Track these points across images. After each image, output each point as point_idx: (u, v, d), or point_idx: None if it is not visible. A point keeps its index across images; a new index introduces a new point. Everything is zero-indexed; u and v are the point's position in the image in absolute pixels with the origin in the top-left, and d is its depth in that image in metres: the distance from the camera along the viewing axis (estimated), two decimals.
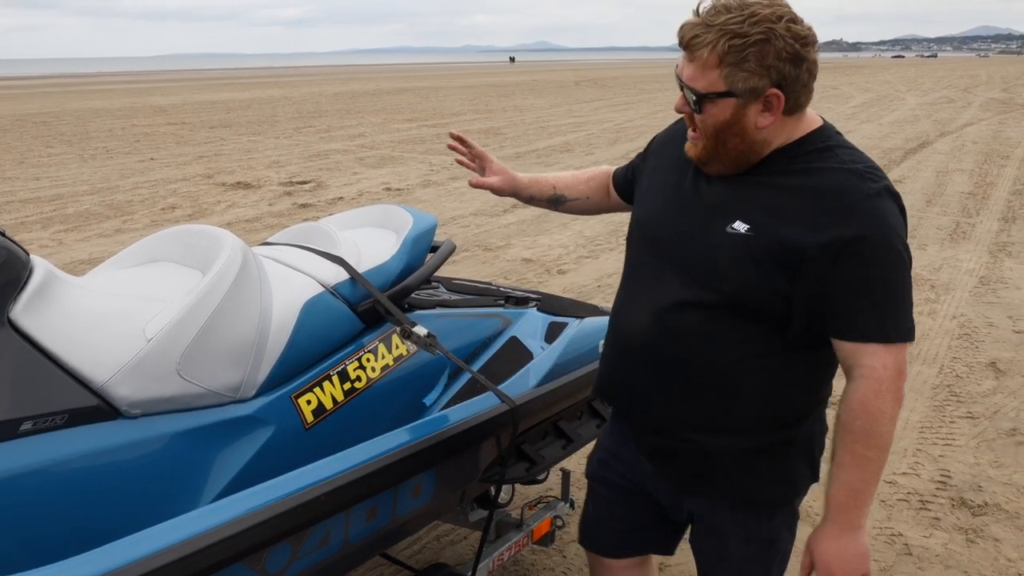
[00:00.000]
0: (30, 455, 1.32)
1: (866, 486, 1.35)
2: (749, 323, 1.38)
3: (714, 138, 1.35)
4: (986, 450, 3.40)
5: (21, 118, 19.58)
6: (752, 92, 1.29)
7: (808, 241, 1.29)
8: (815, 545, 1.41)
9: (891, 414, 1.32)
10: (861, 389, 1.32)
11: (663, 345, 1.44)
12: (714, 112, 1.32)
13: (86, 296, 1.56)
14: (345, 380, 1.81)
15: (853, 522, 1.37)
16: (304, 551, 1.46)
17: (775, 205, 1.34)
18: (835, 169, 1.33)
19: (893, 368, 1.30)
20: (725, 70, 1.28)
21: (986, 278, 5.93)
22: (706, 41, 1.28)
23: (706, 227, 1.39)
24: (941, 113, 19.50)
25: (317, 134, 15.67)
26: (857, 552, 1.38)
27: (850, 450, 1.34)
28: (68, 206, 8.69)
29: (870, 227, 1.28)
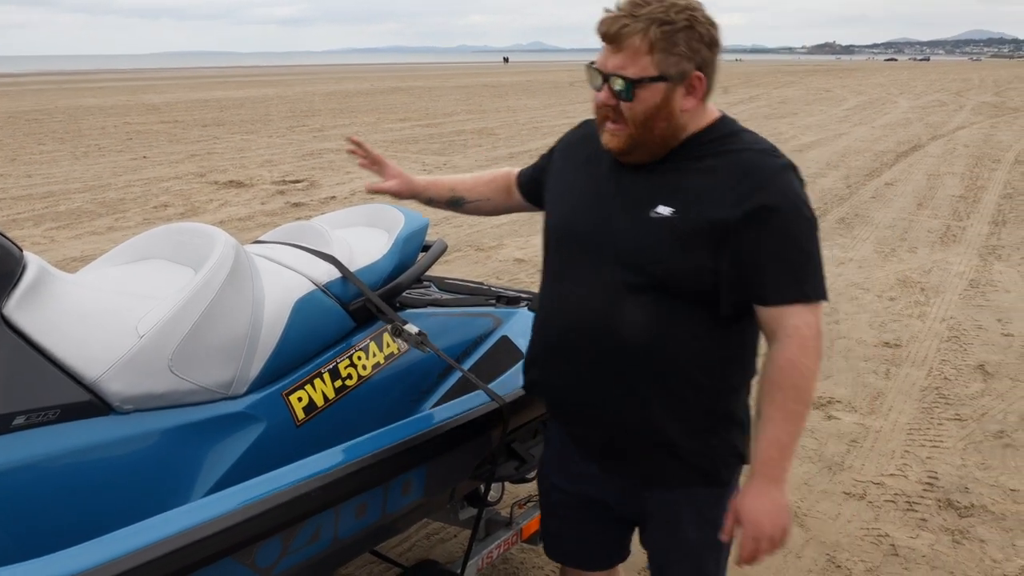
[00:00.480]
0: (23, 449, 1.33)
1: (791, 440, 1.41)
2: (683, 304, 1.43)
3: (643, 124, 1.41)
4: (973, 452, 3.43)
5: (13, 115, 19.49)
6: (681, 76, 1.38)
7: (728, 215, 1.38)
8: (743, 504, 1.44)
9: (815, 370, 1.40)
10: (789, 348, 1.39)
11: (604, 338, 1.48)
12: (645, 97, 1.38)
13: (79, 292, 1.56)
14: (336, 378, 1.82)
15: (779, 476, 1.42)
16: (294, 546, 1.47)
17: (694, 187, 1.42)
18: (744, 150, 1.43)
19: (815, 327, 1.40)
20: (657, 56, 1.36)
21: (976, 281, 5.97)
22: (636, 30, 1.35)
23: (630, 216, 1.45)
24: (933, 116, 19.61)
25: (310, 133, 15.65)
26: (783, 504, 1.43)
27: (779, 406, 1.40)
28: (60, 203, 8.66)
29: (782, 198, 1.38)
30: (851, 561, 2.69)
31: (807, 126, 17.29)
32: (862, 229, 7.63)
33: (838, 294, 5.62)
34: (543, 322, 1.60)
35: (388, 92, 29.45)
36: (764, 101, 25.08)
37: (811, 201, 1.45)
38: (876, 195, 9.33)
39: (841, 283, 5.90)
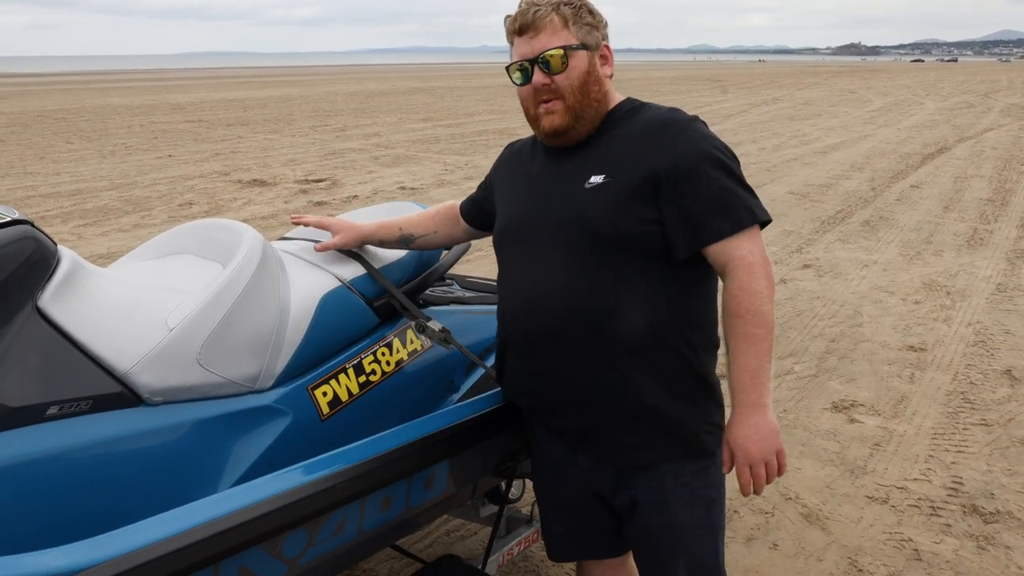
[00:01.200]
0: (56, 439, 1.36)
1: (760, 363, 1.46)
2: (637, 266, 1.50)
3: (580, 90, 1.54)
4: (999, 458, 3.39)
5: (42, 114, 19.81)
6: (595, 44, 1.57)
7: (655, 166, 1.48)
8: (731, 435, 1.50)
9: (767, 294, 1.47)
10: (737, 277, 1.47)
11: (570, 316, 1.53)
12: (576, 64, 1.53)
13: (111, 286, 1.59)
14: (360, 373, 1.83)
15: (759, 400, 1.47)
16: (320, 537, 1.49)
17: (619, 151, 1.54)
18: (655, 113, 1.58)
19: (759, 252, 1.48)
20: (572, 28, 1.53)
21: (1003, 285, 5.89)
22: (547, 12, 1.52)
23: (568, 195, 1.55)
24: (960, 118, 19.36)
25: (332, 133, 15.76)
26: (769, 428, 1.47)
27: (741, 333, 1.47)
28: (88, 201, 8.80)
29: (698, 144, 1.50)
30: (873, 565, 2.67)
31: (831, 128, 17.14)
32: (887, 232, 7.56)
33: (861, 297, 5.58)
34: (501, 325, 1.68)
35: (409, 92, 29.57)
36: (788, 103, 24.88)
37: (728, 146, 1.55)
38: (901, 197, 9.23)
39: (865, 286, 5.84)
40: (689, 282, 1.54)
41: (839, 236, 7.37)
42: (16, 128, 16.35)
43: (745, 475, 1.48)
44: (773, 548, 2.76)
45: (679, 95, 27.31)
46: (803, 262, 6.47)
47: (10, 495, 1.30)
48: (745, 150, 13.06)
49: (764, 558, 2.71)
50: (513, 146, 1.82)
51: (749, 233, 1.48)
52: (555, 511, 1.79)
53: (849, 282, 5.94)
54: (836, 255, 6.70)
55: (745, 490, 1.50)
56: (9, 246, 1.41)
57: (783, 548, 2.76)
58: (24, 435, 1.34)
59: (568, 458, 1.69)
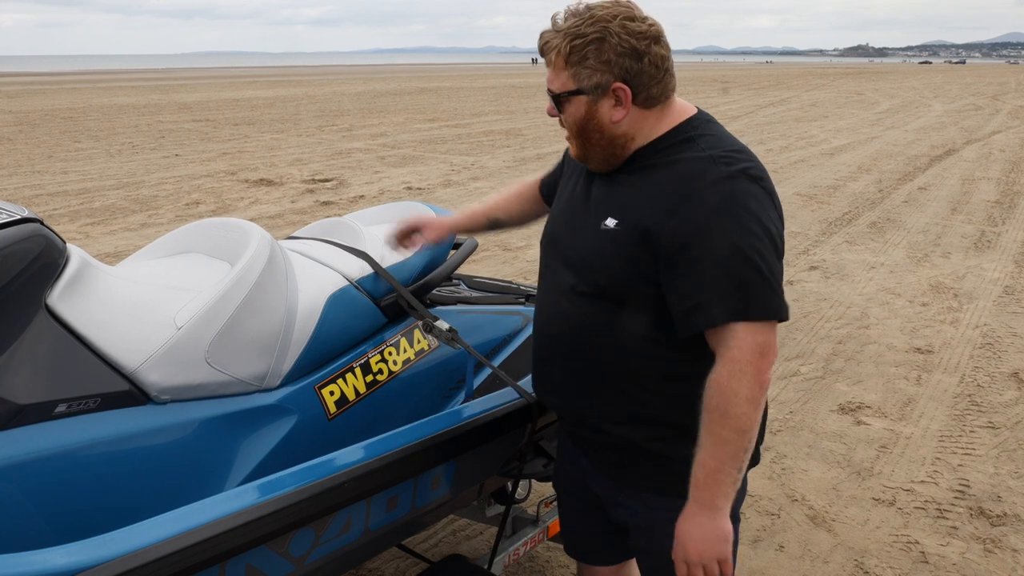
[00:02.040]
0: (64, 436, 1.36)
1: (722, 466, 1.34)
2: (635, 314, 1.42)
3: (580, 135, 1.44)
4: (1007, 460, 3.37)
5: (49, 113, 19.89)
6: (598, 88, 1.38)
7: (659, 229, 1.34)
8: (676, 528, 1.41)
9: (746, 395, 1.31)
10: (718, 369, 1.32)
11: (566, 339, 1.52)
12: (571, 111, 1.42)
13: (119, 285, 1.60)
14: (368, 372, 1.84)
15: (711, 502, 1.36)
16: (326, 537, 1.50)
17: (635, 198, 1.40)
18: (690, 158, 1.37)
19: (750, 350, 1.30)
20: (571, 70, 1.38)
21: (1011, 288, 5.87)
22: (553, 46, 1.39)
23: (587, 226, 1.47)
24: (968, 120, 19.28)
25: (339, 133, 15.78)
26: (714, 533, 1.37)
27: (707, 428, 1.34)
28: (95, 200, 8.82)
29: (714, 212, 1.30)
30: (880, 567, 2.66)
31: (838, 129, 17.09)
32: (894, 234, 7.53)
33: (868, 299, 5.56)
34: (533, 324, 1.67)
35: (416, 92, 29.59)
36: (795, 104, 24.82)
37: (775, 212, 1.36)
38: (909, 199, 9.20)
39: (872, 288, 5.83)
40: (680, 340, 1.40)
41: (846, 238, 7.35)
42: (24, 127, 16.41)
43: (681, 570, 1.41)
44: (779, 550, 2.75)
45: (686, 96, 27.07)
46: (810, 264, 6.45)
47: (18, 492, 1.31)
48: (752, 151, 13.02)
49: (770, 559, 2.70)
50: None
51: (750, 326, 1.30)
52: (566, 504, 1.81)
53: (856, 284, 5.92)
54: (843, 257, 6.68)
55: None
56: (19, 244, 1.42)
57: (789, 550, 2.75)
58: (32, 433, 1.34)
59: (576, 458, 1.70)
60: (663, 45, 1.39)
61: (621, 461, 1.56)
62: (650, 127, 1.42)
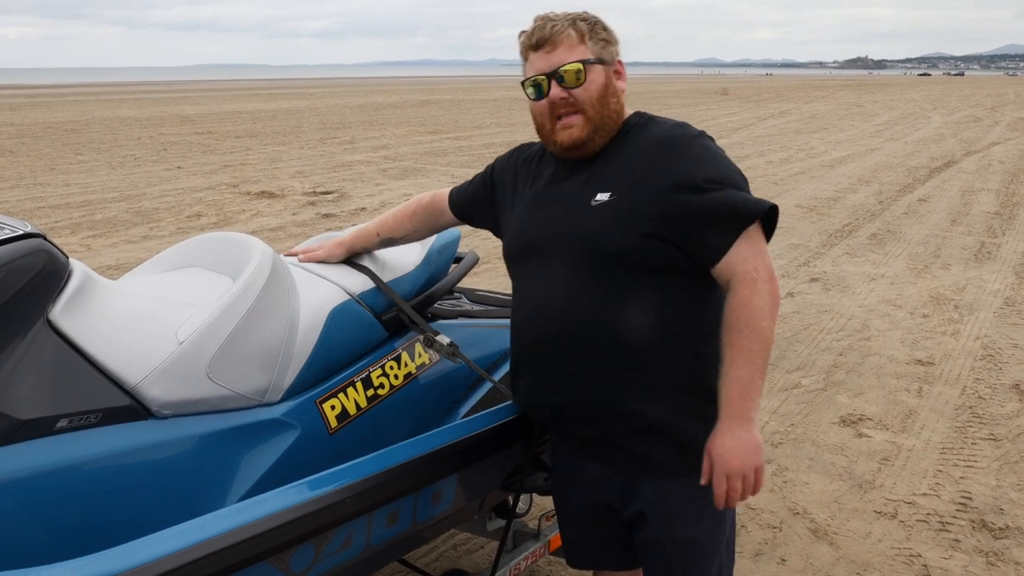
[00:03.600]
0: (65, 451, 1.36)
1: (752, 378, 1.46)
2: (644, 279, 1.51)
3: (600, 103, 1.56)
4: (1008, 473, 3.37)
5: (52, 125, 19.97)
6: (611, 59, 1.59)
7: (660, 183, 1.50)
8: (712, 444, 1.49)
9: (768, 310, 1.46)
10: (739, 291, 1.47)
11: (571, 330, 1.55)
12: (594, 78, 1.56)
13: (121, 299, 1.60)
14: (369, 387, 1.84)
15: (745, 414, 1.46)
16: (327, 552, 1.49)
17: (625, 169, 1.55)
18: (659, 130, 1.58)
19: (763, 268, 1.48)
20: (589, 43, 1.56)
21: (1011, 299, 5.87)
22: (565, 27, 1.55)
23: (574, 212, 1.56)
24: (967, 132, 19.33)
25: (341, 145, 15.83)
26: (751, 443, 1.46)
27: (737, 346, 1.46)
28: (97, 212, 8.85)
29: (701, 160, 1.51)
30: None
31: (838, 141, 17.13)
32: (894, 245, 7.54)
33: (869, 310, 5.56)
34: (514, 335, 1.70)
35: (418, 105, 29.71)
36: (795, 116, 24.90)
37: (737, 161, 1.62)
38: (909, 211, 9.22)
39: (873, 299, 5.83)
40: (697, 296, 1.54)
41: (847, 249, 7.36)
42: (26, 139, 16.48)
43: (721, 487, 1.48)
44: (781, 563, 2.75)
45: (687, 108, 27.35)
46: (811, 275, 6.45)
47: (19, 507, 1.31)
48: (752, 163, 13.06)
49: (772, 573, 2.69)
50: (523, 150, 1.81)
51: (752, 241, 1.48)
52: (568, 518, 1.81)
53: (857, 295, 5.92)
54: (844, 268, 6.68)
55: (719, 501, 1.49)
56: (21, 259, 1.42)
57: (791, 563, 2.74)
58: (34, 448, 1.34)
59: (579, 466, 1.70)
60: None
61: (638, 448, 1.57)
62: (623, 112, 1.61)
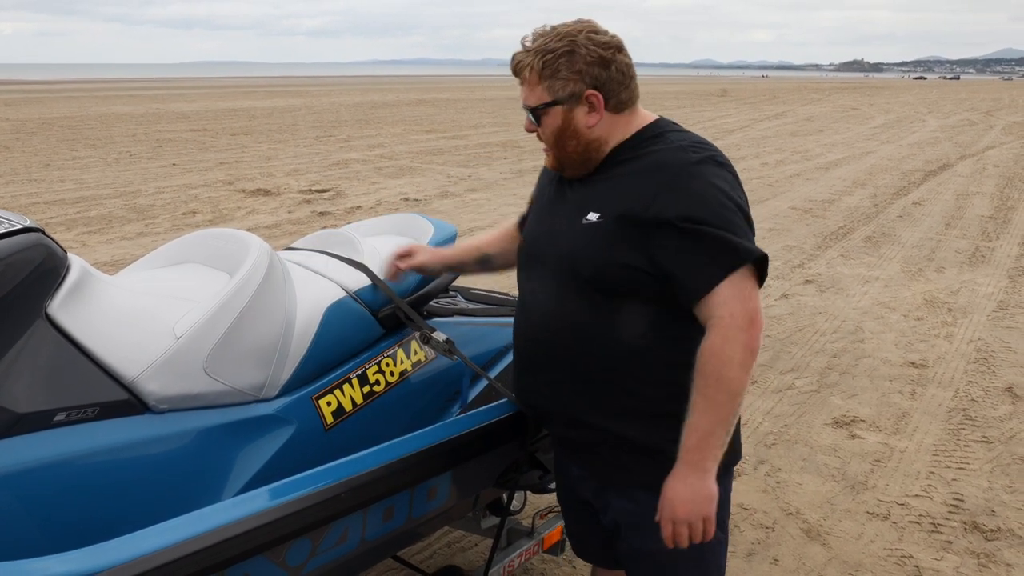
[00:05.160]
0: (62, 445, 1.37)
1: (714, 428, 1.42)
2: (621, 303, 1.49)
3: (557, 145, 1.53)
4: (1000, 475, 3.38)
5: (47, 121, 19.90)
6: (572, 97, 1.49)
7: (642, 214, 1.44)
8: (665, 486, 1.47)
9: (739, 359, 1.40)
10: (711, 337, 1.41)
11: (556, 340, 1.56)
12: (548, 122, 1.52)
13: (119, 294, 1.61)
14: (365, 383, 1.85)
15: (700, 464, 1.43)
16: (323, 547, 1.50)
17: (615, 191, 1.50)
18: (663, 150, 1.50)
19: (741, 314, 1.40)
20: (545, 83, 1.49)
21: (1004, 303, 5.90)
22: (526, 64, 1.50)
23: (569, 227, 1.54)
24: (962, 136, 19.40)
25: (336, 143, 15.82)
26: (702, 493, 1.44)
27: (701, 393, 1.41)
28: (92, 208, 8.83)
29: (690, 192, 1.42)
30: None
31: (833, 144, 17.18)
32: (889, 248, 7.57)
33: (863, 313, 5.58)
34: (513, 335, 1.71)
35: (414, 104, 29.69)
36: (790, 118, 24.96)
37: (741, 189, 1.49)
38: (903, 214, 9.25)
39: (867, 302, 5.85)
40: (676, 325, 1.49)
41: (841, 252, 7.38)
42: (21, 135, 16.42)
43: (667, 530, 1.47)
44: (774, 563, 2.76)
45: (682, 110, 27.39)
46: (805, 277, 6.48)
47: (16, 501, 1.31)
48: (748, 165, 13.10)
49: (764, 573, 2.70)
50: None
51: (735, 285, 1.40)
52: (565, 508, 1.85)
53: (851, 298, 5.95)
54: (838, 271, 6.71)
55: (667, 543, 1.49)
56: (20, 254, 1.43)
57: (783, 563, 2.76)
58: (31, 441, 1.35)
59: (565, 464, 1.74)
60: (626, 54, 1.52)
61: (613, 460, 1.58)
62: (621, 130, 1.53)
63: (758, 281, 1.44)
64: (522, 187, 10.50)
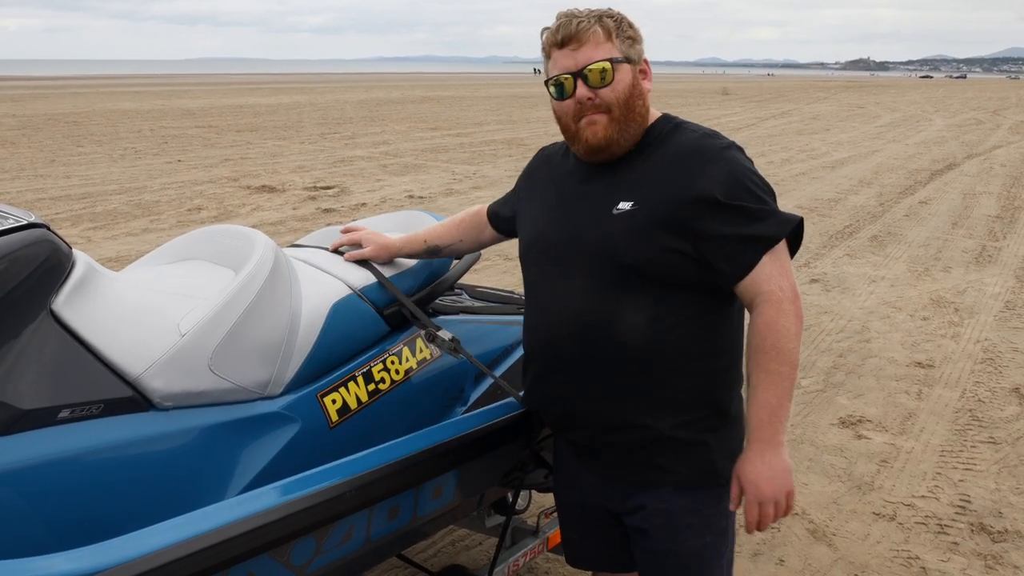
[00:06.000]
0: (67, 442, 1.36)
1: (780, 401, 1.43)
2: (660, 292, 1.48)
3: (626, 104, 1.51)
4: (1008, 476, 3.37)
5: (53, 118, 19.94)
6: (638, 58, 1.54)
7: (686, 197, 1.45)
8: (742, 470, 1.47)
9: (794, 331, 1.44)
10: (765, 312, 1.44)
11: (590, 340, 1.52)
12: (621, 78, 1.50)
13: (124, 291, 1.60)
14: (370, 381, 1.84)
15: (774, 438, 1.44)
16: (328, 546, 1.49)
17: (648, 178, 1.50)
18: (686, 139, 1.53)
19: (788, 287, 1.45)
20: (615, 41, 1.50)
21: (1012, 303, 5.87)
22: (591, 24, 1.49)
23: (596, 219, 1.52)
24: (969, 135, 19.33)
25: (341, 140, 15.82)
26: (782, 468, 1.45)
27: (764, 369, 1.43)
28: (97, 204, 8.84)
29: (727, 173, 1.46)
30: None
31: (840, 142, 17.13)
32: (895, 247, 7.54)
33: (869, 312, 5.56)
34: (527, 338, 1.68)
35: (418, 101, 29.68)
36: (796, 116, 24.89)
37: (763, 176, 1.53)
38: (910, 213, 9.22)
39: (873, 301, 5.83)
40: (714, 311, 1.51)
41: (847, 251, 7.36)
42: (27, 131, 16.46)
43: (753, 512, 1.46)
44: (779, 564, 2.75)
45: (687, 107, 27.32)
46: (811, 276, 6.46)
47: (20, 498, 1.31)
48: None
49: (770, 573, 2.69)
50: (544, 151, 1.77)
51: (777, 259, 1.44)
52: (568, 517, 1.80)
53: (857, 297, 5.92)
54: (844, 270, 6.68)
55: (751, 527, 1.48)
56: (25, 249, 1.42)
57: (789, 564, 2.74)
58: (35, 438, 1.34)
59: (581, 469, 1.70)
60: None
61: (646, 460, 1.56)
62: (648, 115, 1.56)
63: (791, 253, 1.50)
64: None
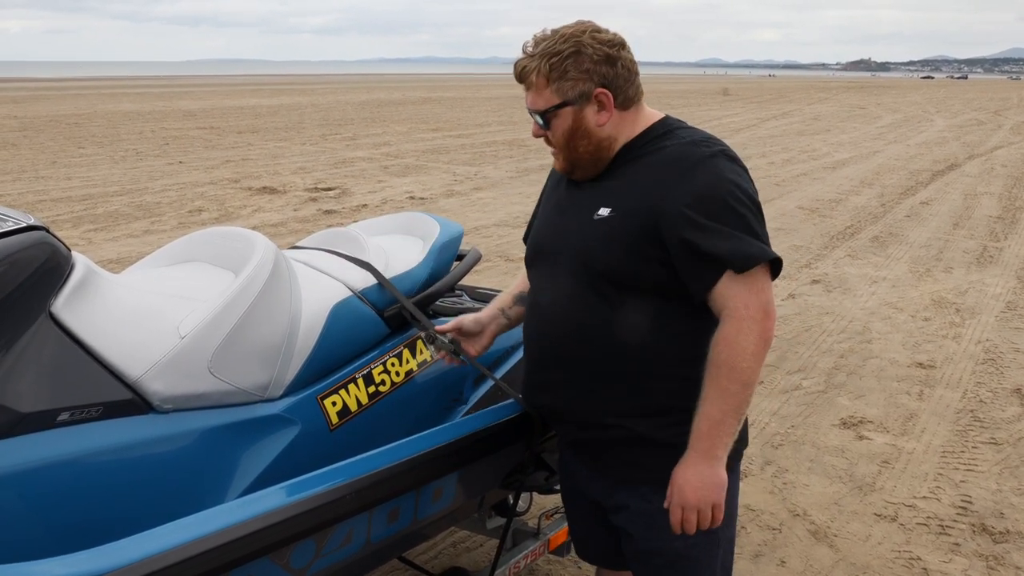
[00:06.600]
0: (66, 445, 1.36)
1: (724, 417, 1.44)
2: (636, 298, 1.50)
3: (567, 147, 1.54)
4: (1009, 477, 3.36)
5: (54, 119, 19.95)
6: (582, 96, 1.50)
7: (659, 207, 1.45)
8: (674, 473, 1.50)
9: (752, 350, 1.42)
10: (725, 327, 1.43)
11: (570, 339, 1.56)
12: (558, 124, 1.52)
13: (123, 293, 1.60)
14: (370, 383, 1.83)
15: (710, 451, 1.46)
16: (328, 549, 1.49)
17: (628, 186, 1.51)
18: (675, 145, 1.51)
19: (756, 306, 1.42)
20: (554, 85, 1.49)
21: (1013, 303, 5.86)
22: (532, 68, 1.50)
23: (579, 224, 1.55)
24: (970, 135, 19.31)
25: (343, 141, 15.82)
26: (713, 481, 1.47)
27: (714, 382, 1.43)
28: (98, 206, 8.84)
29: (704, 185, 1.44)
30: None
31: (840, 143, 17.12)
32: (896, 248, 7.53)
33: (870, 313, 5.55)
34: (524, 333, 1.72)
35: (420, 102, 29.68)
36: (797, 117, 24.88)
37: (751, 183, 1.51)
38: (911, 214, 9.21)
39: (874, 302, 5.82)
40: (689, 319, 1.51)
41: (848, 252, 7.35)
42: (29, 132, 16.47)
43: (676, 515, 1.50)
44: (781, 565, 2.74)
45: (688, 108, 27.32)
46: (812, 277, 6.45)
47: (19, 501, 1.30)
48: (754, 164, 13.05)
49: (771, 575, 2.69)
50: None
51: (747, 279, 1.42)
52: (570, 508, 1.84)
53: (858, 298, 5.92)
54: (845, 271, 6.68)
55: (675, 529, 1.51)
56: (24, 252, 1.42)
57: (791, 565, 2.74)
58: (34, 441, 1.34)
59: (573, 464, 1.73)
60: (629, 51, 1.54)
61: (627, 457, 1.58)
62: (629, 127, 1.55)
63: (771, 274, 1.46)
64: (527, 186, 10.49)
